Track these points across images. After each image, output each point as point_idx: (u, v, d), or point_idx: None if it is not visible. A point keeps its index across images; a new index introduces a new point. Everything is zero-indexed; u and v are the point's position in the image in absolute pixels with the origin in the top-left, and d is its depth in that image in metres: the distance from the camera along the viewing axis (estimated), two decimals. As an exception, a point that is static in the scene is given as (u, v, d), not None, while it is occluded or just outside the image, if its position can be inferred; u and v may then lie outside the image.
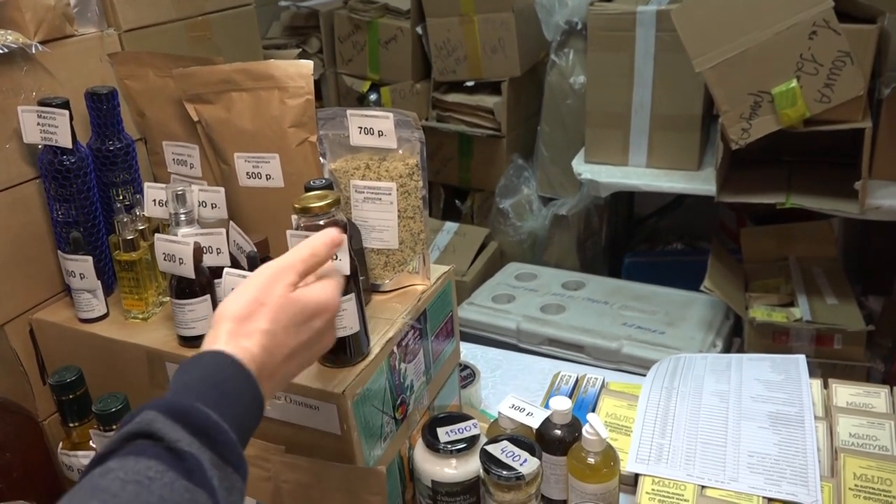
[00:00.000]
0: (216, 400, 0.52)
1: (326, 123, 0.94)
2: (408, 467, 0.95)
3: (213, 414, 0.51)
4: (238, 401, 0.54)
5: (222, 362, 0.55)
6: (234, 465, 0.50)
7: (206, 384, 0.53)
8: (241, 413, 0.53)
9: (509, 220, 2.50)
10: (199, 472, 0.48)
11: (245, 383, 0.55)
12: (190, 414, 0.50)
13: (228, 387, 0.54)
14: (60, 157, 0.93)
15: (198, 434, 0.49)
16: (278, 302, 0.60)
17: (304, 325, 0.61)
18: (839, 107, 1.61)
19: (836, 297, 1.85)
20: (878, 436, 0.97)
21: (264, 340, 0.58)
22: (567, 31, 2.29)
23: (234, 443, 0.51)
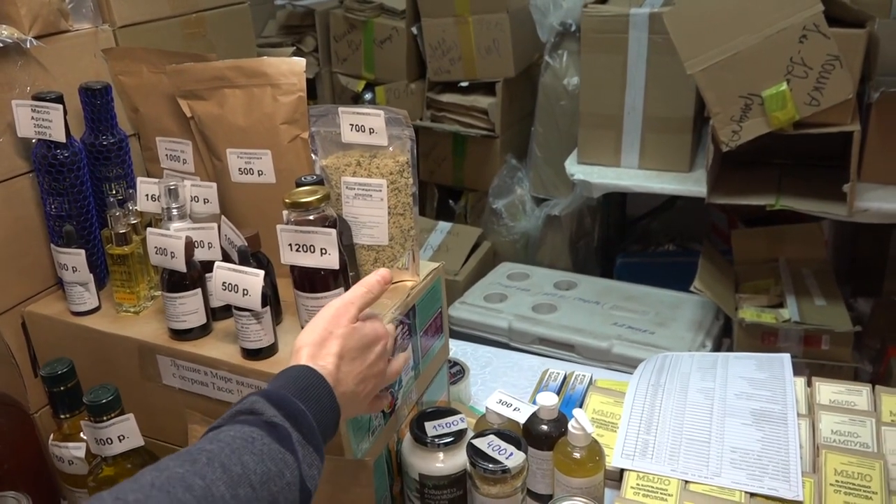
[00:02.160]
0: (302, 397, 0.65)
1: (318, 120, 0.95)
2: (396, 461, 0.96)
3: (301, 404, 0.63)
4: (318, 403, 0.66)
5: (306, 372, 0.68)
6: (314, 446, 0.63)
7: (294, 385, 0.66)
8: (320, 413, 0.66)
9: (502, 220, 2.51)
10: (289, 441, 0.60)
11: (324, 390, 0.67)
12: (284, 400, 0.63)
13: (311, 391, 0.66)
14: (54, 152, 0.94)
15: (288, 417, 0.62)
16: (345, 332, 0.72)
17: (366, 350, 0.74)
18: (828, 110, 1.62)
19: (825, 299, 1.87)
20: (859, 433, 0.99)
21: (336, 361, 0.70)
22: (561, 32, 2.30)
23: (314, 428, 0.63)
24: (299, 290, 0.81)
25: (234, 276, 0.81)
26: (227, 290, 0.81)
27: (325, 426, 0.66)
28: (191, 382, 0.89)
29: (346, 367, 0.71)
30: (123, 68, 1.05)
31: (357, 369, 0.72)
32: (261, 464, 0.57)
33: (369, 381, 0.74)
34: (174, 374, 0.90)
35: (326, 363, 0.69)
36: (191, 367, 0.88)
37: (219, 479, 0.54)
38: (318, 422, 0.64)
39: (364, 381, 0.73)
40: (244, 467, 0.56)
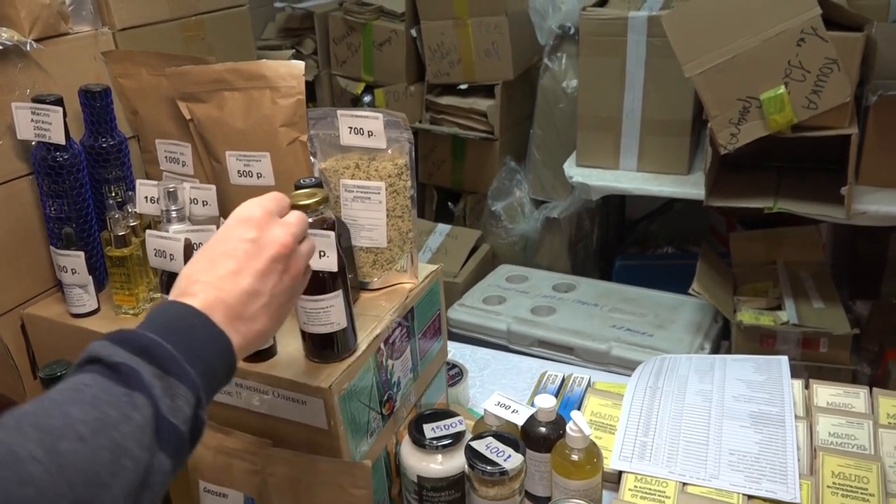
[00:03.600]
0: (158, 329, 0.56)
1: (317, 123, 0.96)
2: (394, 463, 0.96)
3: (154, 335, 0.55)
4: (184, 332, 0.58)
5: (167, 307, 0.60)
6: (176, 375, 0.54)
7: (154, 322, 0.58)
8: (188, 341, 0.57)
9: (501, 223, 2.52)
10: (136, 379, 0.52)
11: (193, 318, 0.59)
12: (130, 337, 0.55)
13: (175, 322, 0.58)
14: (54, 154, 0.94)
15: (137, 352, 0.54)
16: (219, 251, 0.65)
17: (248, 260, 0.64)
18: (826, 113, 1.63)
19: (823, 301, 1.87)
20: (856, 435, 0.99)
21: (203, 286, 0.62)
22: (560, 35, 2.31)
23: (174, 357, 0.55)
24: (298, 292, 0.81)
25: (232, 278, 0.81)
26: (226, 293, 0.81)
27: (201, 354, 0.57)
28: (189, 384, 0.89)
29: (228, 285, 0.62)
30: (123, 71, 1.05)
31: (243, 286, 0.62)
32: (93, 411, 0.49)
33: (263, 295, 0.64)
34: (173, 376, 0.90)
35: (194, 289, 0.61)
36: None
37: (30, 439, 0.46)
38: (186, 350, 0.56)
39: (255, 295, 0.63)
40: (66, 419, 0.48)
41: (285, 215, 0.69)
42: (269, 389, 0.84)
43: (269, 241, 0.65)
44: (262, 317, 0.64)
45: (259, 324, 0.64)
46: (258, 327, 0.64)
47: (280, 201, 0.69)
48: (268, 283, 0.64)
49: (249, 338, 0.63)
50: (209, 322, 0.59)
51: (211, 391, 0.59)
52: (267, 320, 0.65)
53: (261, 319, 0.64)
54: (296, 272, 0.68)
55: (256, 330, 0.64)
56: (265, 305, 0.64)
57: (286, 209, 0.70)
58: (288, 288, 0.67)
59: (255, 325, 0.63)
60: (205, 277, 0.62)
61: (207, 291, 0.61)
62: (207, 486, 0.89)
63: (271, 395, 0.84)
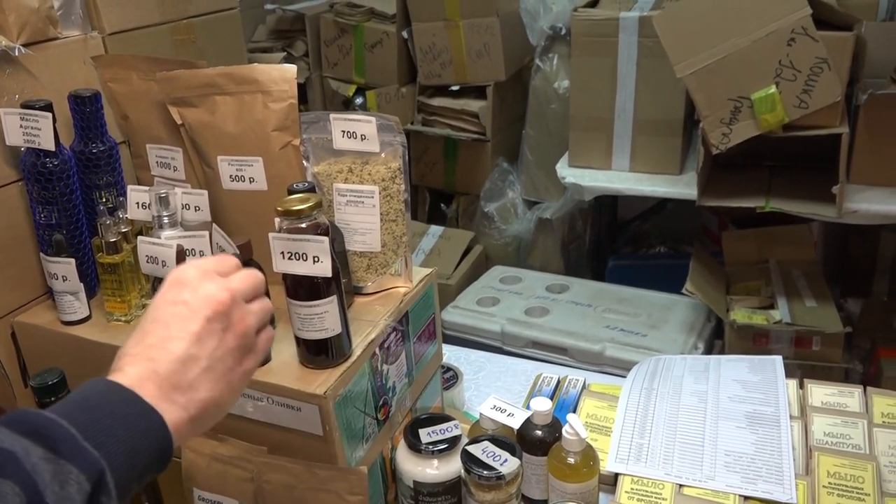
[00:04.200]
0: (70, 409, 0.51)
1: (310, 127, 0.95)
2: (390, 468, 0.96)
3: (52, 414, 0.50)
4: (100, 410, 0.52)
5: (94, 384, 0.54)
6: (68, 457, 0.48)
7: (67, 402, 0.53)
8: (103, 417, 0.52)
9: (494, 224, 2.52)
10: (12, 464, 0.47)
11: (115, 395, 0.53)
12: (22, 417, 0.50)
13: (93, 400, 0.53)
14: (43, 160, 0.93)
15: (27, 433, 0.48)
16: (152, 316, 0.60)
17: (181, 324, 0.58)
18: (817, 112, 1.63)
19: (815, 300, 1.88)
20: (851, 434, 0.99)
21: (130, 360, 0.57)
22: (551, 36, 2.31)
23: (70, 437, 0.49)
24: (292, 298, 0.80)
25: (226, 284, 0.80)
26: (220, 299, 0.80)
27: (116, 432, 0.51)
28: (183, 391, 0.88)
29: (158, 354, 0.56)
30: (113, 75, 1.04)
31: (176, 352, 0.57)
32: None
33: (201, 360, 0.58)
34: (166, 384, 0.89)
35: (122, 363, 0.56)
36: (183, 376, 0.87)
37: None
38: (92, 429, 0.50)
39: (191, 361, 0.57)
40: None
41: (231, 275, 0.62)
42: (263, 396, 0.83)
43: (202, 300, 0.59)
44: (203, 384, 0.57)
45: (202, 392, 0.57)
46: (200, 396, 0.57)
47: (224, 262, 0.64)
48: (206, 347, 0.58)
49: (192, 409, 0.56)
50: (133, 397, 0.53)
51: (134, 473, 0.52)
52: (211, 387, 0.58)
53: (203, 387, 0.57)
54: (242, 331, 0.61)
55: (199, 399, 0.57)
56: (206, 370, 0.58)
57: (233, 269, 0.64)
58: (233, 349, 0.60)
59: (196, 395, 0.57)
60: (134, 350, 0.57)
61: (136, 364, 0.56)
62: (202, 495, 0.89)
63: (266, 402, 0.83)
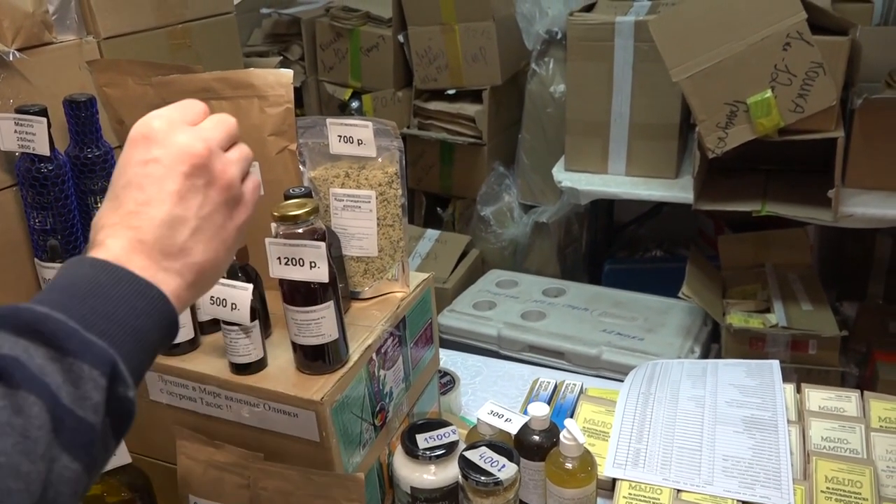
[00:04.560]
0: (58, 299, 0.46)
1: (306, 132, 0.95)
2: (387, 474, 0.96)
3: (45, 308, 0.45)
4: (95, 295, 0.47)
5: (74, 266, 0.49)
6: (75, 352, 0.44)
7: (51, 291, 0.47)
8: (104, 306, 0.47)
9: (490, 228, 2.51)
10: (20, 371, 0.42)
11: (105, 274, 0.48)
12: (12, 314, 0.44)
13: (81, 285, 0.47)
14: (38, 165, 0.93)
15: (21, 332, 0.44)
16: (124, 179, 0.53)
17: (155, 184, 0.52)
18: (812, 116, 1.64)
19: (812, 304, 1.88)
20: (848, 439, 0.99)
21: (112, 231, 0.51)
22: (547, 40, 2.31)
23: (71, 330, 0.44)
24: (289, 303, 0.80)
25: (221, 289, 0.80)
26: (215, 305, 0.80)
27: (116, 316, 0.46)
28: (178, 398, 0.88)
29: (139, 221, 0.50)
30: (108, 80, 1.04)
31: (158, 216, 0.51)
32: None
33: (189, 220, 0.52)
34: (161, 390, 0.89)
35: (101, 237, 0.50)
36: (178, 383, 0.87)
37: None
38: (92, 316, 0.45)
39: (178, 222, 0.51)
40: None
41: (200, 122, 0.56)
42: (259, 402, 0.83)
43: (176, 154, 0.53)
44: (196, 246, 0.52)
45: (196, 255, 0.52)
46: (195, 259, 0.52)
47: (190, 107, 0.57)
48: (190, 205, 0.52)
49: (188, 275, 0.52)
50: (126, 273, 0.48)
51: (144, 356, 0.49)
52: (204, 248, 0.53)
53: (196, 250, 0.52)
54: (226, 182, 0.54)
55: (194, 263, 0.52)
56: (196, 231, 0.52)
57: (201, 115, 0.57)
58: (220, 203, 0.54)
59: (190, 258, 0.52)
60: (111, 219, 0.51)
61: (118, 235, 0.50)
62: (198, 501, 0.88)
63: (262, 408, 0.83)
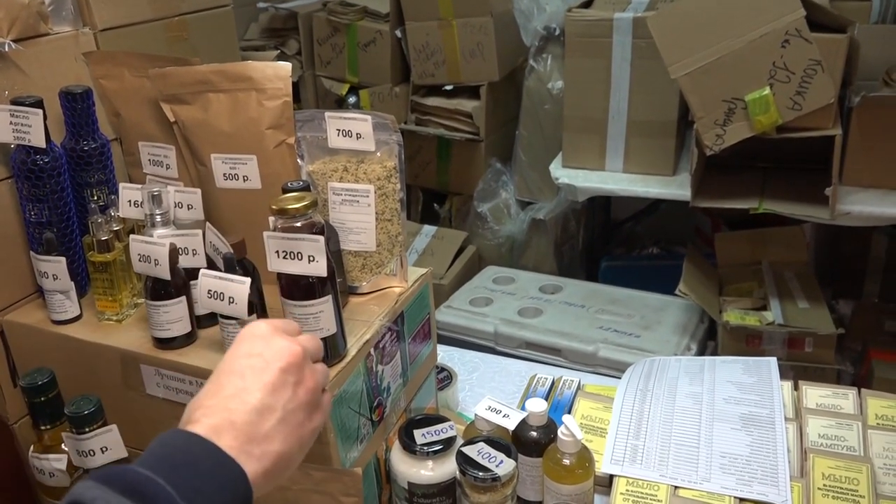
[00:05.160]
0: (158, 464, 0.51)
1: (304, 125, 0.94)
2: (384, 469, 0.95)
3: (146, 471, 0.50)
4: (190, 466, 0.52)
5: (172, 435, 0.55)
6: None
7: (151, 455, 0.53)
8: (193, 477, 0.52)
9: (487, 224, 2.51)
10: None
11: (198, 448, 0.54)
12: (118, 474, 0.50)
13: (178, 454, 0.53)
14: (34, 157, 0.92)
15: (125, 492, 0.49)
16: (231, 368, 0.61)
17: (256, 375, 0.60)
18: (811, 114, 1.64)
19: (808, 301, 1.89)
20: (846, 436, 0.99)
21: (211, 411, 0.57)
22: (545, 36, 2.31)
23: (168, 496, 0.49)
24: (286, 297, 0.80)
25: (219, 283, 0.79)
26: (213, 299, 0.80)
27: (205, 488, 0.52)
28: (175, 392, 0.87)
29: (235, 404, 0.57)
30: (105, 72, 1.03)
31: (252, 402, 0.58)
32: None
33: (276, 411, 0.59)
34: (158, 384, 0.88)
35: (198, 415, 0.56)
36: (175, 377, 0.87)
37: None
38: (185, 485, 0.51)
39: (267, 411, 0.58)
40: None
41: (297, 335, 0.65)
42: (257, 397, 0.82)
43: (276, 352, 0.61)
44: (278, 435, 0.58)
45: (276, 444, 0.58)
46: (275, 448, 0.58)
47: (290, 324, 0.66)
48: (280, 398, 0.59)
49: (266, 463, 0.56)
50: (215, 449, 0.54)
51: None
52: (284, 439, 0.58)
53: (277, 438, 0.58)
54: (312, 386, 0.62)
55: (274, 451, 0.57)
56: (280, 422, 0.58)
57: (298, 331, 0.66)
58: (304, 403, 0.61)
59: (271, 446, 0.57)
60: (209, 401, 0.57)
61: (213, 415, 0.56)
62: (194, 496, 0.88)
63: (259, 403, 0.82)
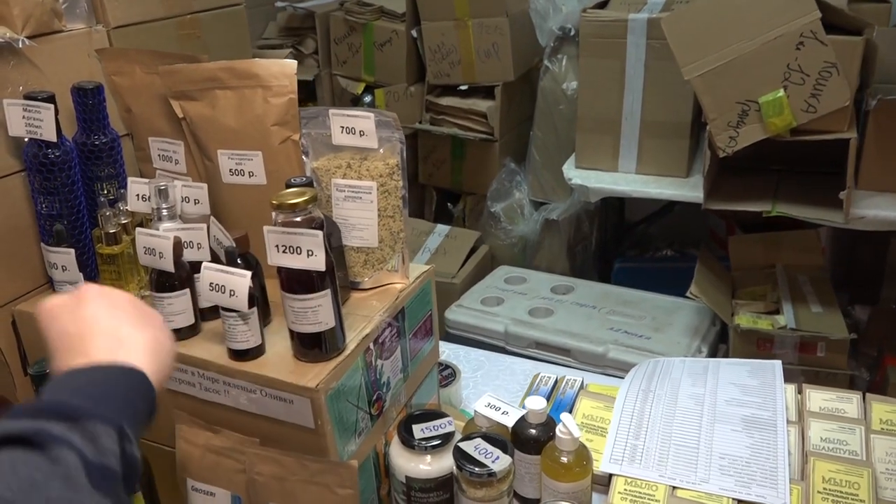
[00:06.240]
0: (56, 388, 0.57)
1: (310, 122, 0.96)
2: (383, 463, 0.96)
3: (56, 397, 0.55)
4: (74, 377, 0.58)
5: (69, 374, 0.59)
6: (86, 418, 0.53)
7: (50, 388, 0.58)
8: (87, 383, 0.57)
9: (500, 224, 2.51)
10: (48, 436, 0.50)
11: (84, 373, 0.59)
12: (23, 409, 0.54)
13: (76, 375, 0.58)
14: (45, 151, 0.94)
15: (37, 416, 0.52)
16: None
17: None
18: (825, 117, 1.62)
19: (821, 306, 1.86)
20: (848, 440, 0.99)
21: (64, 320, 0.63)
22: (560, 37, 2.30)
23: (77, 405, 0.54)
24: (286, 291, 0.81)
25: (220, 276, 0.81)
26: (214, 291, 0.81)
27: (99, 390, 0.57)
28: (178, 382, 0.89)
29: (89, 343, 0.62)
30: (117, 69, 1.05)
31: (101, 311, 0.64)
32: (15, 480, 0.47)
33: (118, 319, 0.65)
34: (162, 374, 0.90)
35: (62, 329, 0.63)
36: (178, 367, 0.88)
37: None
38: (94, 395, 0.56)
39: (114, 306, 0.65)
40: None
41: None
42: (256, 388, 0.84)
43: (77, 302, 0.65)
44: (132, 330, 0.65)
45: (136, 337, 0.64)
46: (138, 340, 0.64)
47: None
48: (108, 315, 0.65)
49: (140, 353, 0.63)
50: (100, 367, 0.59)
51: (136, 421, 0.58)
52: (138, 331, 0.65)
53: (133, 334, 0.64)
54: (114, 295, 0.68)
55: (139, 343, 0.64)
56: (125, 324, 0.65)
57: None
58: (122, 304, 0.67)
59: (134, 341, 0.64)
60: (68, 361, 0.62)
61: (76, 357, 0.61)
62: (195, 485, 0.89)
63: (259, 394, 0.84)
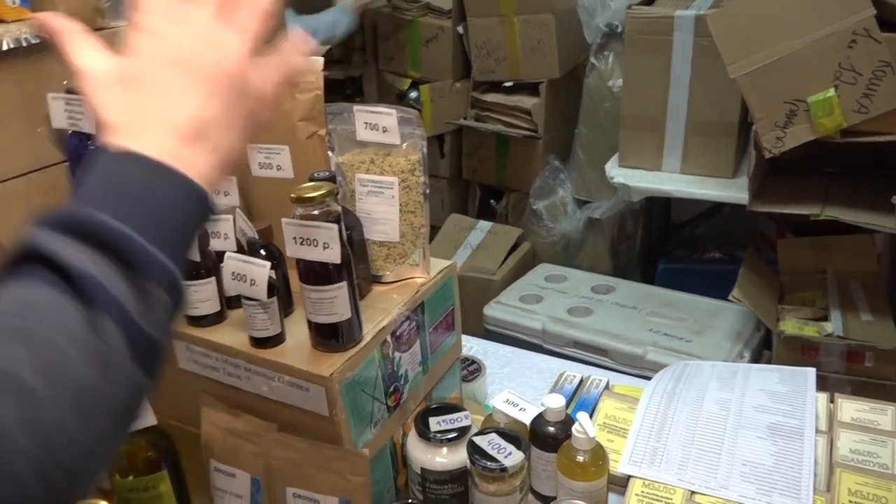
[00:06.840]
0: (123, 209, 0.42)
1: (335, 118, 0.97)
2: (401, 454, 0.98)
3: (113, 221, 0.41)
4: (152, 202, 0.43)
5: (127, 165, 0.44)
6: (144, 271, 0.41)
7: (113, 195, 0.43)
8: (161, 214, 0.43)
9: (542, 222, 2.50)
10: (101, 291, 0.39)
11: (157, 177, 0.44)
12: (81, 220, 0.40)
13: (137, 190, 0.43)
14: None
15: (94, 245, 0.40)
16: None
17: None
18: (878, 118, 1.56)
19: (872, 314, 1.79)
20: (879, 453, 0.95)
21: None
22: (607, 34, 2.28)
23: (141, 248, 0.41)
24: (304, 282, 0.83)
25: (242, 266, 0.83)
26: (236, 280, 0.84)
27: (171, 222, 0.43)
28: (203, 367, 0.92)
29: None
30: (158, 64, 1.09)
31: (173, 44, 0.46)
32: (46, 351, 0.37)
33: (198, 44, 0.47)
34: (188, 359, 0.93)
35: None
36: (204, 353, 0.91)
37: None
38: (154, 229, 0.42)
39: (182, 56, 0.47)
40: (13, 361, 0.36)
41: None
42: (275, 375, 0.86)
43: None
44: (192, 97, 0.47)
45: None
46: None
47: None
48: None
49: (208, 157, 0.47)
50: (166, 171, 0.44)
51: (184, 259, 0.45)
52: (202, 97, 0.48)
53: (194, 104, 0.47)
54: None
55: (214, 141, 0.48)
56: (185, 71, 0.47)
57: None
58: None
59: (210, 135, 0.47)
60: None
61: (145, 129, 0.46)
62: (218, 466, 0.92)
63: (277, 381, 0.86)
